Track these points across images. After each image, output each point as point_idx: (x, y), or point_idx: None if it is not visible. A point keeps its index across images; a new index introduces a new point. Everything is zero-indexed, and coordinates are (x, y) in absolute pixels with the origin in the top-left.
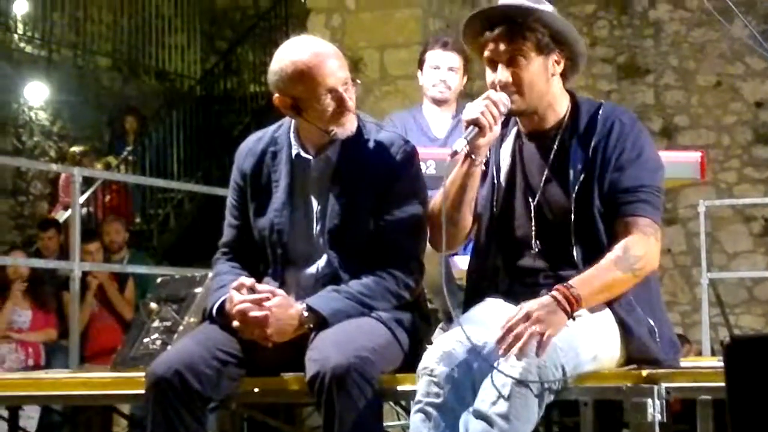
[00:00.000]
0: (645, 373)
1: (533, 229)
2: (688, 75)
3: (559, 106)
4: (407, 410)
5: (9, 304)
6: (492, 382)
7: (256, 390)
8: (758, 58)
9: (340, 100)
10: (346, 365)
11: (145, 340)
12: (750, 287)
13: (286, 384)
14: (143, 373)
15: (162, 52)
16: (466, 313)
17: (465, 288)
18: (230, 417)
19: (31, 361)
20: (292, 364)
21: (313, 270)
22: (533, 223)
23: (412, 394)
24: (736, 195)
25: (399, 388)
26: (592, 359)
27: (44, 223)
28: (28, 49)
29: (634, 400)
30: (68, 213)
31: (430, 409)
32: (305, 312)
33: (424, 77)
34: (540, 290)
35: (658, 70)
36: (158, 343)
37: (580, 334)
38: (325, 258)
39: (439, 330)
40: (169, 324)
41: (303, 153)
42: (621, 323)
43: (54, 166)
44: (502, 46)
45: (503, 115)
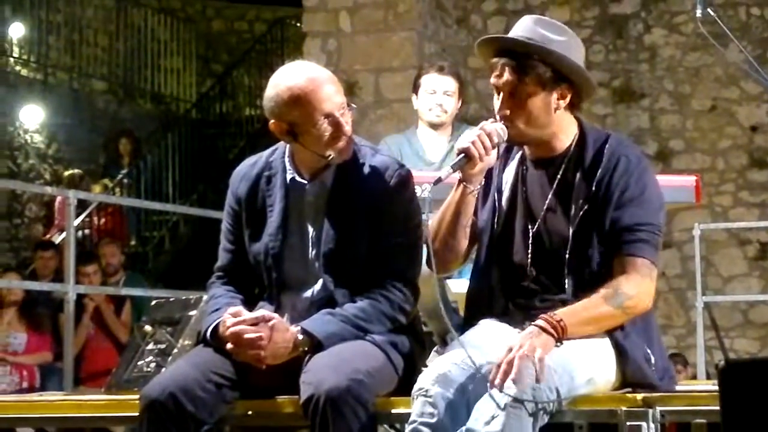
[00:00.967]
0: (640, 396)
1: (529, 256)
2: (683, 99)
3: (565, 135)
4: None
5: (4, 326)
6: (486, 402)
7: (250, 413)
8: (753, 83)
9: (336, 125)
10: (340, 388)
11: (140, 363)
12: (745, 311)
13: (280, 407)
14: (137, 396)
15: (157, 75)
16: (461, 336)
17: (465, 306)
18: None
19: (25, 384)
20: (287, 387)
21: (308, 294)
22: (530, 250)
23: (406, 417)
24: (731, 219)
25: (393, 411)
26: (587, 382)
27: (43, 243)
28: (24, 72)
29: (629, 423)
30: (64, 235)
31: (424, 429)
32: (300, 335)
33: (419, 101)
34: (534, 313)
35: (654, 94)
36: (152, 365)
37: (575, 357)
38: (320, 282)
39: (433, 353)
40: (163, 346)
41: (298, 177)
42: (617, 347)
43: (49, 189)
44: (505, 77)
45: (496, 146)
